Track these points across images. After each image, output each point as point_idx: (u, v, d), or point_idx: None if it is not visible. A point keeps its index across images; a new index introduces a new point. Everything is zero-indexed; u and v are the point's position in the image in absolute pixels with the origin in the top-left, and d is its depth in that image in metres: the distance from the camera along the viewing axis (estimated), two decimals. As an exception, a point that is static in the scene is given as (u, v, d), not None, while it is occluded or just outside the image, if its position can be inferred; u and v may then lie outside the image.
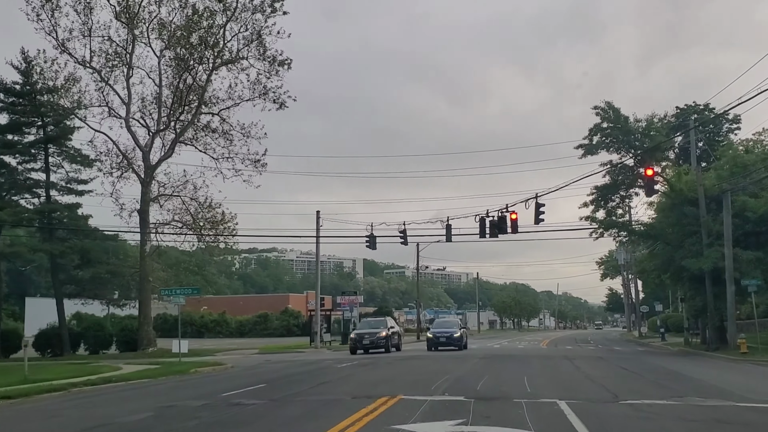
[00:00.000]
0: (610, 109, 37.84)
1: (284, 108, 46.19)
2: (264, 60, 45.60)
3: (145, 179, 44.85)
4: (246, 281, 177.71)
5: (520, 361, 27.82)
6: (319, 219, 47.71)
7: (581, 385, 17.12)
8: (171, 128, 45.59)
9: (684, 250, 36.68)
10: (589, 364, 25.91)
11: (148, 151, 45.42)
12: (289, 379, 20.68)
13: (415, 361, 28.12)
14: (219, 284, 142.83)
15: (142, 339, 43.61)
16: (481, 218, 30.31)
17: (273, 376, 22.84)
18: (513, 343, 54.98)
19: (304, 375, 22.55)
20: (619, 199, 39.90)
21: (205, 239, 47.20)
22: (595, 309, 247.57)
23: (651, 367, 25.04)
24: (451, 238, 34.03)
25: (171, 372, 26.03)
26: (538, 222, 27.80)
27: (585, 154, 37.62)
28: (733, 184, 35.17)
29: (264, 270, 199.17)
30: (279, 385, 18.50)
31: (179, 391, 18.35)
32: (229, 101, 45.97)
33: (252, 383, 19.42)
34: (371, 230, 40.23)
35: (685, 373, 21.96)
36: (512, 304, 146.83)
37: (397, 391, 15.52)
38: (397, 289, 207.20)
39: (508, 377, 19.54)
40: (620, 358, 31.10)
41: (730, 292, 34.54)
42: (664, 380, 18.91)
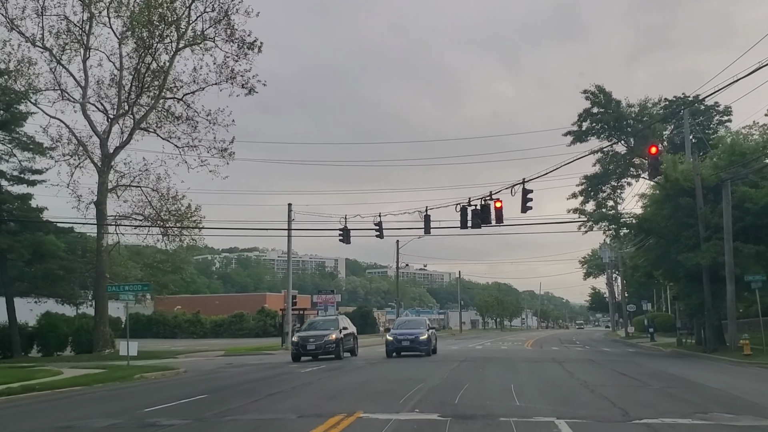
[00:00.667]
0: (600, 93, 35.32)
1: (253, 93, 43.14)
2: (232, 42, 42.51)
3: (102, 168, 41.61)
4: (226, 281, 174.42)
5: (504, 366, 25.04)
6: (290, 212, 44.79)
7: (580, 397, 14.35)
8: (130, 114, 42.35)
9: (679, 245, 34.23)
10: (581, 369, 23.20)
11: (106, 138, 42.19)
12: (237, 389, 17.75)
13: (388, 366, 25.25)
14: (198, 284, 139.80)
15: (98, 340, 40.45)
16: (462, 207, 27.50)
17: (223, 384, 19.91)
18: (496, 344, 52.32)
19: (258, 383, 19.64)
20: (610, 189, 37.30)
21: (169, 234, 43.96)
22: (576, 308, 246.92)
23: (650, 371, 22.40)
24: (430, 230, 31.23)
25: (112, 378, 23.05)
26: (525, 210, 25.07)
27: (574, 141, 35.05)
28: (732, 173, 32.71)
29: (244, 269, 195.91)
30: (221, 397, 15.58)
31: (96, 404, 15.36)
32: (194, 85, 42.84)
33: (192, 394, 16.50)
34: (345, 223, 37.30)
35: (692, 378, 19.30)
36: (494, 304, 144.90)
37: (358, 405, 12.68)
38: (379, 288, 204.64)
39: (492, 386, 16.73)
40: (613, 361, 28.47)
41: (730, 289, 32.09)
42: (673, 389, 16.21)
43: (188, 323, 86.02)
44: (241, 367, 28.34)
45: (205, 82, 42.43)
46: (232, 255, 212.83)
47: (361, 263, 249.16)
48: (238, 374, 23.71)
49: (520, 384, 17.06)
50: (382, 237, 34.21)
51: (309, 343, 30.66)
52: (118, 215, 43.56)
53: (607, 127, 35.04)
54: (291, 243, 45.63)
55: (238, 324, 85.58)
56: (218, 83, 42.70)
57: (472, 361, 27.85)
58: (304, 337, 31.22)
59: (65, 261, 42.70)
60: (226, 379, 21.88)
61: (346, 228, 36.86)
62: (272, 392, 16.19)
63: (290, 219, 44.35)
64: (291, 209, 44.84)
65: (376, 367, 24.57)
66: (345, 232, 37.06)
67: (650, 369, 23.51)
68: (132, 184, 42.14)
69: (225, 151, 42.79)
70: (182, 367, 28.10)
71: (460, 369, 23.22)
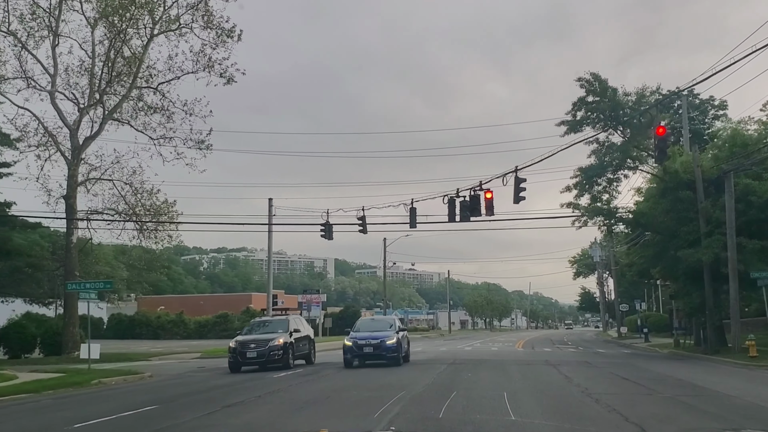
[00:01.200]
0: (596, 81, 33.47)
1: (232, 83, 41.10)
2: (210, 28, 40.41)
3: (71, 160, 39.40)
4: (214, 281, 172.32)
5: (495, 370, 23.10)
6: (271, 207, 42.75)
7: (584, 408, 12.45)
8: (101, 103, 40.16)
9: (679, 240, 32.45)
10: (579, 373, 21.31)
11: (76, 128, 39.97)
12: (195, 398, 15.76)
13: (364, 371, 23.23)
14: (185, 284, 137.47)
15: (66, 342, 38.19)
16: (450, 199, 25.56)
17: (183, 391, 17.91)
18: (486, 345, 50.44)
19: (222, 389, 17.65)
20: (605, 182, 35.46)
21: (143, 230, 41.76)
22: (566, 309, 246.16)
23: (653, 375, 20.55)
24: (416, 224, 29.26)
25: (66, 384, 21.02)
26: (518, 200, 23.15)
27: (568, 131, 33.21)
28: (734, 164, 30.97)
29: (232, 270, 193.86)
30: (172, 409, 13.61)
31: (26, 417, 13.34)
32: (170, 74, 40.71)
33: (142, 404, 14.51)
34: (327, 218, 35.30)
35: (701, 383, 17.47)
36: (484, 304, 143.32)
37: (323, 421, 10.76)
38: (369, 289, 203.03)
39: (482, 394, 14.78)
40: (611, 364, 26.60)
41: (733, 286, 30.36)
42: (685, 397, 14.36)
43: (172, 324, 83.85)
44: (212, 371, 26.33)
45: (180, 70, 40.35)
46: (220, 255, 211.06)
47: (351, 263, 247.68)
48: (205, 379, 21.73)
49: (513, 392, 15.15)
50: (366, 232, 32.22)
51: (249, 350, 24.99)
52: (90, 210, 41.39)
53: (603, 116, 33.18)
54: (272, 239, 43.59)
55: (222, 325, 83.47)
56: (195, 72, 40.66)
57: (460, 364, 25.93)
58: (244, 343, 25.38)
59: (33, 258, 40.60)
60: (190, 385, 19.88)
61: (328, 223, 34.87)
62: (233, 402, 14.21)
63: (271, 214, 42.33)
64: (272, 204, 42.84)
65: (350, 373, 22.54)
66: (327, 227, 35.08)
67: (653, 373, 21.68)
68: (103, 177, 39.93)
69: (202, 143, 40.71)
70: (150, 371, 26.01)
71: (447, 373, 21.28)
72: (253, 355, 24.83)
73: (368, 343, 25.19)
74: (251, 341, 25.33)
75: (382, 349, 24.96)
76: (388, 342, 25.14)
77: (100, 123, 39.81)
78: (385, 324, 27.68)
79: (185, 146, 40.22)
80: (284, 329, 26.20)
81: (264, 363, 24.84)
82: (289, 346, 25.53)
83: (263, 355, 24.79)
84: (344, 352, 25.69)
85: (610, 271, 79.04)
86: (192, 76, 40.65)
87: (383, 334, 25.69)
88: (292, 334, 26.25)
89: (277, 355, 24.87)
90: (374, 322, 29.64)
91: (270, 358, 24.79)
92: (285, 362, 25.08)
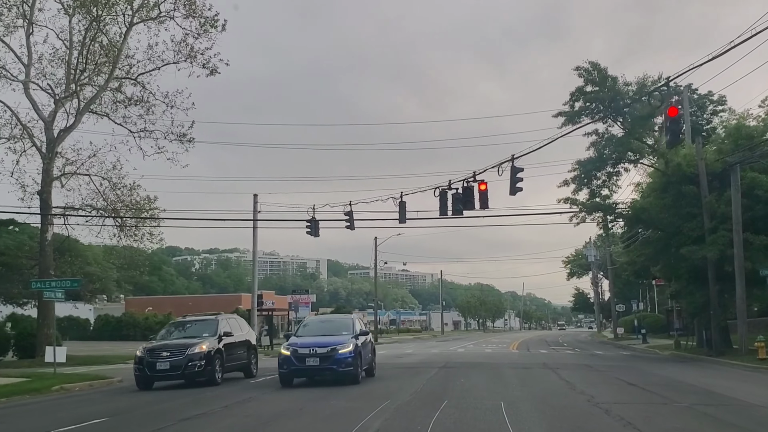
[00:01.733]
0: (594, 70, 31.88)
1: (215, 74, 39.33)
2: (193, 17, 38.65)
3: (46, 154, 37.59)
4: (206, 282, 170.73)
5: (490, 374, 21.44)
6: (256, 203, 41.12)
7: (595, 422, 10.81)
8: (76, 95, 38.37)
9: (682, 237, 30.92)
10: (580, 378, 19.70)
11: (51, 121, 38.15)
12: (154, 408, 14.10)
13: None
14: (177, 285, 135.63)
15: (41, 343, 36.22)
16: (441, 191, 23.90)
17: (146, 400, 16.24)
18: (479, 347, 48.84)
19: (186, 398, 16.02)
20: (605, 176, 33.89)
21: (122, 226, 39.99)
22: (559, 309, 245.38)
23: (662, 380, 18.99)
24: (405, 219, 27.64)
25: (24, 390, 19.31)
26: (514, 192, 21.54)
27: (566, 122, 31.58)
28: (740, 157, 29.48)
29: (225, 271, 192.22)
30: (124, 422, 12.00)
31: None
32: (150, 64, 38.97)
33: (92, 415, 12.85)
34: (313, 214, 33.64)
35: (718, 390, 15.90)
36: (477, 304, 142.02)
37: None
38: (361, 290, 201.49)
39: (477, 405, 13.12)
40: (613, 367, 25.04)
41: (740, 285, 28.81)
42: (705, 406, 12.78)
43: (160, 325, 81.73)
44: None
45: (161, 60, 38.62)
46: (212, 256, 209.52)
47: (343, 264, 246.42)
48: (173, 385, 19.91)
49: (512, 401, 13.52)
50: (353, 228, 30.59)
51: (160, 360, 19.27)
52: (67, 206, 39.63)
53: (603, 106, 31.62)
54: (257, 236, 41.94)
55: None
56: (176, 62, 38.94)
57: (453, 368, 24.25)
58: (154, 350, 19.78)
59: (5, 257, 38.77)
60: (154, 393, 18.15)
61: (314, 219, 33.20)
62: (192, 414, 12.55)
63: (255, 210, 40.71)
64: (257, 200, 41.21)
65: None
66: (313, 223, 33.40)
67: (660, 377, 20.11)
68: (79, 171, 38.13)
69: (184, 136, 38.96)
70: (121, 376, 24.24)
71: (438, 378, 19.64)
72: (164, 367, 19.20)
73: (313, 353, 18.38)
74: (163, 348, 19.70)
75: (333, 360, 18.20)
76: (341, 350, 18.32)
77: (76, 115, 38.08)
78: (338, 326, 20.71)
79: (166, 140, 38.62)
80: (211, 332, 20.45)
81: (180, 376, 19.44)
82: (215, 355, 19.73)
83: (179, 366, 19.15)
84: (279, 365, 18.99)
85: (605, 271, 77.69)
86: (173, 66, 39.01)
87: (335, 339, 18.82)
88: (221, 338, 20.41)
89: (198, 366, 19.20)
90: (325, 323, 22.21)
91: (188, 370, 19.21)
92: (209, 375, 19.43)
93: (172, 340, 20.41)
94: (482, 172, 22.57)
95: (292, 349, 18.73)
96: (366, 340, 20.57)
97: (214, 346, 19.86)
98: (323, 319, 25.23)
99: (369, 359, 20.63)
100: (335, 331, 19.76)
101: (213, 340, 20.00)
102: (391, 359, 31.92)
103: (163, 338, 20.89)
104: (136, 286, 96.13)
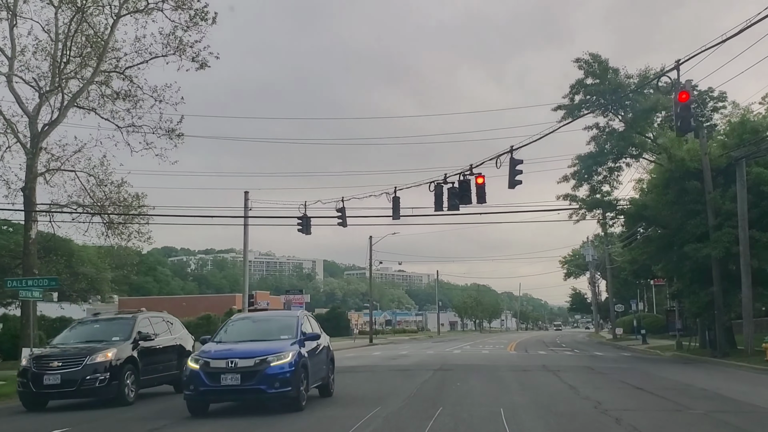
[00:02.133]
0: (595, 62, 30.91)
1: (205, 68, 38.26)
2: (182, 10, 37.56)
3: (30, 149, 36.47)
4: (201, 282, 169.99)
5: (488, 377, 20.35)
6: (247, 200, 40.00)
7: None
8: (61, 89, 37.25)
9: (685, 235, 29.94)
10: (584, 381, 18.67)
11: (36, 115, 37.02)
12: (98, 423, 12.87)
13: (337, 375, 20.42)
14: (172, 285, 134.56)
15: (25, 344, 35.24)
16: (437, 185, 22.85)
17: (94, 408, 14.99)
18: (476, 348, 47.81)
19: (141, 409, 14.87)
20: (606, 172, 32.90)
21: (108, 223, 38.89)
22: (555, 310, 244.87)
23: (671, 384, 17.96)
24: (399, 215, 26.60)
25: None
26: (513, 185, 20.53)
27: (566, 116, 30.58)
28: (745, 151, 28.51)
29: (221, 271, 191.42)
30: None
31: None
32: (138, 57, 37.89)
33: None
34: (305, 210, 32.55)
35: (733, 395, 14.88)
36: (473, 305, 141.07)
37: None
38: (357, 290, 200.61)
39: (474, 412, 12.07)
40: (616, 369, 24.02)
41: (746, 284, 27.84)
42: (724, 414, 11.77)
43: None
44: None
45: (149, 53, 37.55)
46: (207, 256, 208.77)
47: (340, 265, 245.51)
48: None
49: (512, 407, 12.48)
50: (345, 225, 29.56)
51: (49, 373, 15.03)
52: (53, 203, 38.55)
53: (604, 99, 30.65)
54: (248, 233, 40.82)
55: (205, 326, 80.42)
56: (165, 55, 37.91)
57: (448, 371, 23.16)
58: (43, 360, 15.50)
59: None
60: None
61: (306, 216, 32.13)
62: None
63: (246, 207, 39.61)
64: (247, 197, 40.11)
65: None
66: (304, 220, 32.33)
67: (667, 380, 19.09)
68: (63, 167, 37.03)
69: (173, 131, 37.90)
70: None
71: (433, 382, 18.56)
72: (54, 382, 14.87)
73: (232, 366, 12.93)
74: (55, 357, 15.39)
75: (262, 377, 12.79)
76: (275, 363, 12.91)
77: (60, 108, 36.99)
78: (277, 327, 14.88)
79: (155, 135, 37.59)
80: (124, 335, 16.12)
81: (77, 393, 15.19)
82: (125, 365, 15.42)
83: (73, 380, 14.84)
84: (185, 384, 13.55)
85: (603, 271, 76.78)
86: (162, 60, 38.00)
87: (267, 347, 13.51)
88: (137, 343, 16.11)
89: (101, 381, 14.88)
90: (259, 323, 16.10)
91: (86, 385, 14.87)
92: (115, 392, 15.17)
93: (71, 345, 16.09)
94: (479, 165, 21.54)
95: (203, 362, 13.09)
96: (317, 346, 14.86)
97: (126, 354, 15.54)
98: (258, 317, 18.24)
99: (323, 373, 15.23)
100: (271, 335, 14.22)
101: (125, 346, 15.69)
102: (385, 361, 30.89)
103: (61, 343, 16.60)
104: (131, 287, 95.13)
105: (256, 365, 12.77)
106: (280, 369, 12.76)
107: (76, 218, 38.81)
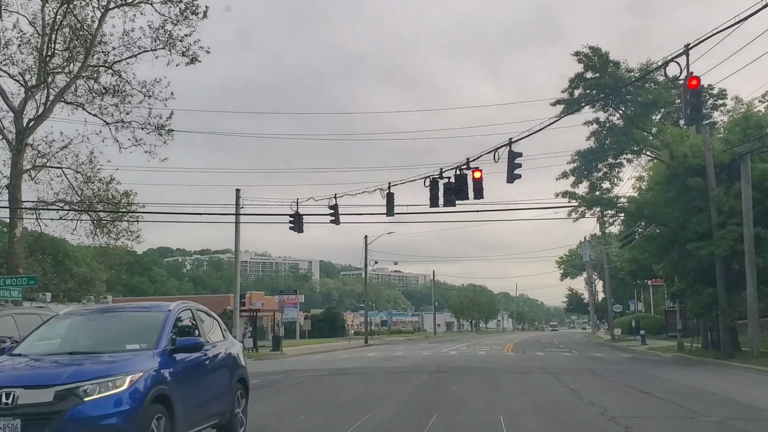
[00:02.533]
0: (595, 56, 30.08)
1: (195, 63, 37.46)
2: (172, 3, 36.66)
3: (15, 146, 35.53)
4: (197, 283, 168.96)
5: (486, 380, 19.45)
6: (238, 198, 39.12)
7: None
8: (46, 84, 36.33)
9: (688, 233, 29.09)
10: (586, 385, 17.80)
11: (21, 110, 36.11)
12: None
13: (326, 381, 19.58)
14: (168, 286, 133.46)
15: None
16: (432, 180, 21.97)
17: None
18: (472, 349, 46.96)
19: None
20: (606, 168, 32.05)
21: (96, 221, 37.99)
22: (552, 310, 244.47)
23: (677, 387, 17.09)
24: (393, 212, 25.73)
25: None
26: (512, 179, 19.67)
27: (565, 110, 29.73)
28: (750, 147, 27.70)
29: (216, 272, 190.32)
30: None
31: None
32: (126, 52, 36.99)
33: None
34: (297, 208, 31.68)
35: (747, 400, 14.02)
36: (469, 305, 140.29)
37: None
38: (353, 291, 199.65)
39: (472, 420, 11.17)
40: (618, 372, 23.16)
41: (751, 283, 27.03)
42: (741, 422, 10.91)
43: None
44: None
45: (138, 47, 36.66)
46: (203, 257, 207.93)
47: (336, 265, 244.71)
48: None
49: (513, 413, 11.60)
50: (338, 222, 28.71)
51: None
52: (39, 201, 37.64)
53: (604, 94, 29.81)
54: (239, 231, 39.99)
55: (199, 327, 79.92)
56: (154, 49, 37.01)
57: (444, 373, 22.27)
58: None
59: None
60: None
61: (298, 213, 31.26)
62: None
63: (238, 205, 38.75)
64: (239, 195, 39.26)
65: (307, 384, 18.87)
66: (296, 218, 31.47)
67: (674, 383, 18.21)
68: (49, 164, 36.12)
69: (162, 127, 37.07)
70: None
71: (427, 386, 17.64)
72: None
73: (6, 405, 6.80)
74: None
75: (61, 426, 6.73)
76: (91, 399, 6.89)
77: (46, 104, 36.05)
78: (125, 328, 8.95)
79: (144, 131, 36.74)
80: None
81: None
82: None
83: None
84: None
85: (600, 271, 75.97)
86: (151, 54, 37.09)
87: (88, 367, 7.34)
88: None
89: None
90: (95, 322, 9.30)
91: None
92: None
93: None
94: (476, 159, 20.67)
95: None
96: (206, 360, 9.06)
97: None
98: (102, 312, 10.14)
99: (220, 404, 9.36)
100: (113, 342, 8.38)
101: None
102: (379, 362, 30.01)
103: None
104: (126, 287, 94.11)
105: (56, 401, 6.82)
106: (103, 409, 6.88)
107: (63, 216, 38.07)
